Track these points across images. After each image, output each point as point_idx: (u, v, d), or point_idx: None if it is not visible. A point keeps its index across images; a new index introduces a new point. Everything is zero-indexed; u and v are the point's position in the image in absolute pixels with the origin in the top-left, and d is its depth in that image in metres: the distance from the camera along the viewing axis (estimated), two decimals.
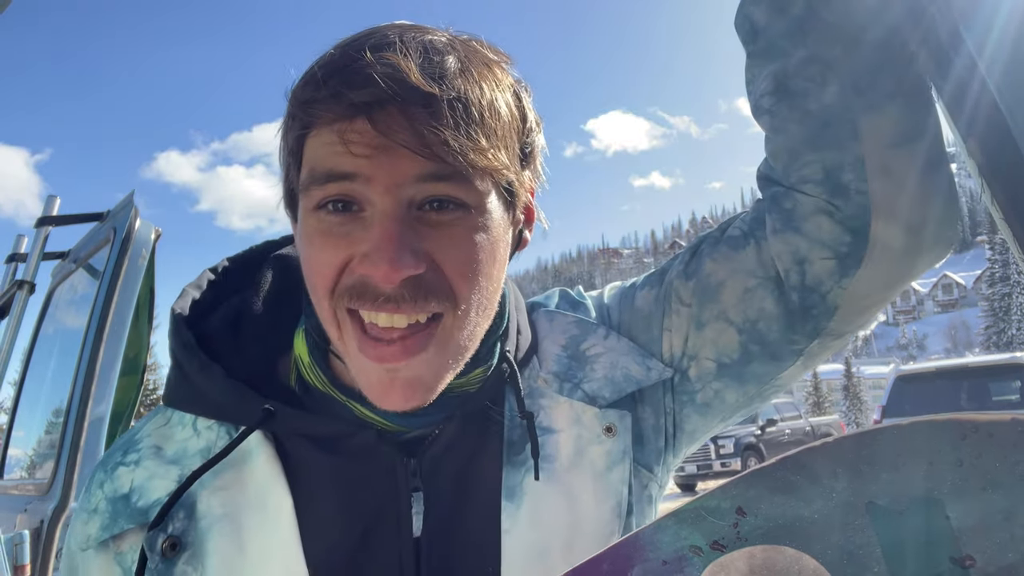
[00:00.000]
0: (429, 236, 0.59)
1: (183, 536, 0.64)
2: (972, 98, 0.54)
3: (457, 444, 0.68)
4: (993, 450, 0.33)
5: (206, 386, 0.67)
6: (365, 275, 0.58)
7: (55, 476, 2.29)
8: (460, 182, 0.59)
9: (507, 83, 0.65)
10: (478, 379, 0.70)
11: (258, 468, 0.66)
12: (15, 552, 2.17)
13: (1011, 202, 0.53)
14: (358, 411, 0.67)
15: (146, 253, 2.49)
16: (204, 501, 0.65)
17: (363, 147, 0.57)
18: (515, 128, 0.64)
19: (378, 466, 0.66)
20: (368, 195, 0.58)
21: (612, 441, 0.70)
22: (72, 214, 2.78)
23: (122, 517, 0.66)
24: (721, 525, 0.36)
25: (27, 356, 3.10)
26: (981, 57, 0.53)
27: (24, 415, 3.06)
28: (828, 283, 0.67)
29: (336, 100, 0.57)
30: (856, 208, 0.64)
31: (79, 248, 2.83)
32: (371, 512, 0.65)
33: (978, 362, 8.87)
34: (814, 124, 0.65)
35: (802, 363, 0.73)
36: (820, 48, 0.64)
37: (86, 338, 2.38)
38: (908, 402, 8.43)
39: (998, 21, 0.53)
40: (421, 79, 0.56)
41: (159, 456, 0.69)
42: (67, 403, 2.37)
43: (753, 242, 0.72)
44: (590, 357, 0.75)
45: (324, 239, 0.60)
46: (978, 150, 0.55)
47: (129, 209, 2.49)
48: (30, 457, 2.89)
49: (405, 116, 0.56)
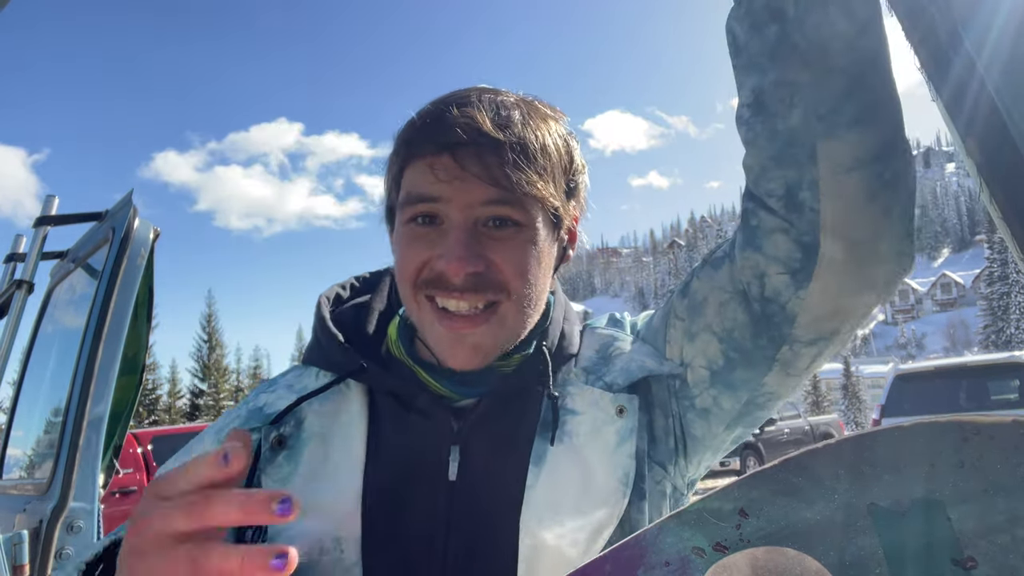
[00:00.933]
0: (490, 245, 0.79)
1: (289, 438, 0.85)
2: (971, 97, 0.54)
3: (495, 415, 0.85)
4: (995, 452, 0.33)
5: (329, 348, 0.90)
6: (440, 270, 0.78)
7: (54, 476, 2.29)
8: (516, 206, 0.79)
9: (559, 132, 0.85)
10: (515, 363, 0.87)
11: (352, 404, 0.88)
12: (14, 552, 2.17)
13: (1009, 201, 0.53)
14: (423, 377, 0.86)
15: (145, 252, 2.49)
16: (310, 419, 0.87)
17: (446, 174, 0.77)
18: (562, 167, 0.84)
19: (431, 422, 0.85)
20: (447, 213, 0.79)
21: (622, 420, 0.83)
22: (71, 214, 2.77)
23: (254, 419, 0.89)
24: (724, 527, 0.36)
25: (26, 356, 3.09)
26: (980, 57, 0.53)
27: (23, 415, 3.06)
28: (785, 294, 0.75)
29: (429, 141, 0.79)
30: (807, 225, 0.71)
31: (78, 248, 2.82)
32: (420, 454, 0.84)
33: (977, 361, 8.88)
34: (780, 143, 0.70)
35: (780, 369, 0.81)
36: (790, 71, 0.68)
37: (85, 338, 2.38)
38: (907, 401, 8.44)
39: (997, 21, 0.53)
40: (491, 128, 0.77)
41: (289, 389, 0.92)
42: (66, 403, 2.37)
43: (728, 261, 0.82)
44: (615, 356, 0.90)
45: (412, 242, 0.81)
46: (977, 149, 0.55)
47: (128, 209, 2.48)
48: (29, 457, 2.89)
49: (477, 155, 0.77)
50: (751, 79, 0.71)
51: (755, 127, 0.72)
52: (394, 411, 0.87)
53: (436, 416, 0.85)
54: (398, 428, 0.86)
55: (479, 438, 0.84)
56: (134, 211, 2.48)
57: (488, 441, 0.84)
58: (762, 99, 0.70)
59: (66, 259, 2.90)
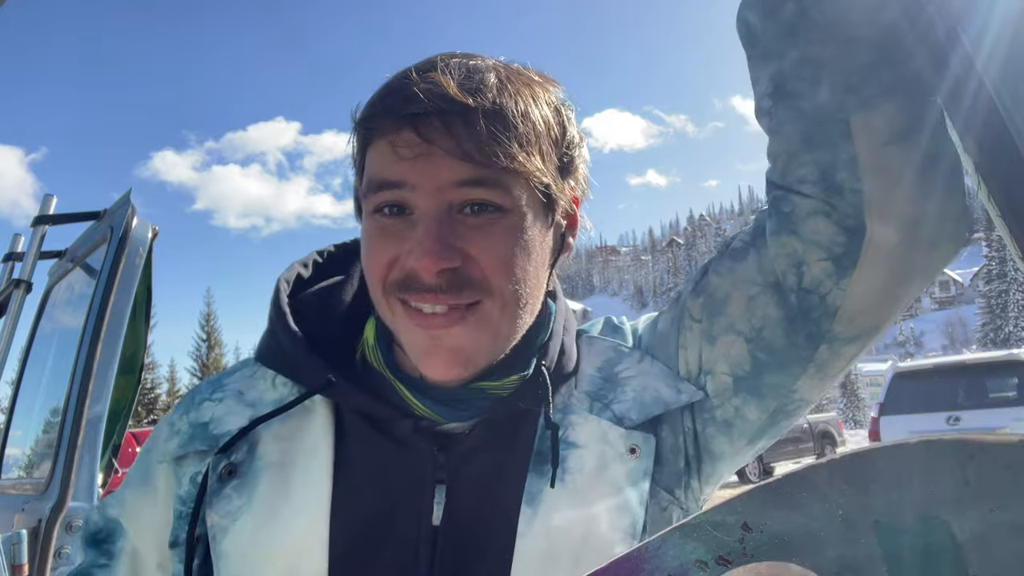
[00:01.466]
0: (466, 235, 0.67)
1: (240, 466, 0.74)
2: (969, 95, 0.54)
3: (486, 446, 0.73)
4: (1000, 471, 0.33)
5: (289, 349, 0.77)
6: (410, 268, 0.67)
7: (53, 475, 2.29)
8: (495, 187, 0.67)
9: (547, 99, 0.72)
10: (511, 385, 0.75)
11: (316, 427, 0.75)
12: (13, 551, 2.17)
13: (1007, 199, 0.53)
14: (403, 394, 0.74)
15: (143, 252, 2.48)
16: (265, 444, 0.75)
17: (408, 151, 0.66)
18: (552, 139, 0.72)
19: (411, 453, 0.73)
20: (415, 200, 0.67)
21: (635, 462, 0.71)
22: (69, 213, 2.77)
23: (197, 440, 0.77)
24: (726, 540, 0.36)
25: (24, 355, 3.09)
26: (978, 55, 0.53)
27: (21, 414, 3.05)
28: (827, 284, 0.67)
29: (387, 114, 0.68)
30: (850, 207, 0.64)
31: (76, 247, 2.82)
32: (397, 493, 0.72)
33: (975, 359, 8.89)
34: (808, 124, 0.65)
35: (815, 372, 0.72)
36: (811, 48, 0.64)
37: (83, 337, 2.37)
38: (905, 399, 8.44)
39: (995, 19, 0.53)
40: (458, 92, 0.65)
41: (240, 399, 0.79)
42: (64, 402, 2.37)
43: (753, 251, 0.73)
44: (622, 379, 0.77)
45: (378, 237, 0.70)
46: (975, 147, 0.55)
47: (126, 208, 2.48)
48: (28, 456, 2.89)
49: (445, 124, 0.65)
50: (769, 67, 0.67)
51: (778, 113, 0.67)
52: (367, 436, 0.74)
53: (419, 448, 0.72)
54: (373, 457, 0.73)
55: (469, 474, 0.72)
56: (132, 210, 2.48)
57: (477, 476, 0.72)
58: (783, 84, 0.66)
59: (64, 258, 2.89)
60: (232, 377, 0.83)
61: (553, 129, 0.72)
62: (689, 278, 0.81)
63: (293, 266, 0.86)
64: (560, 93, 0.75)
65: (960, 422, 7.88)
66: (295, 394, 0.77)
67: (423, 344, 0.69)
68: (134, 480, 0.82)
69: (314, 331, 0.78)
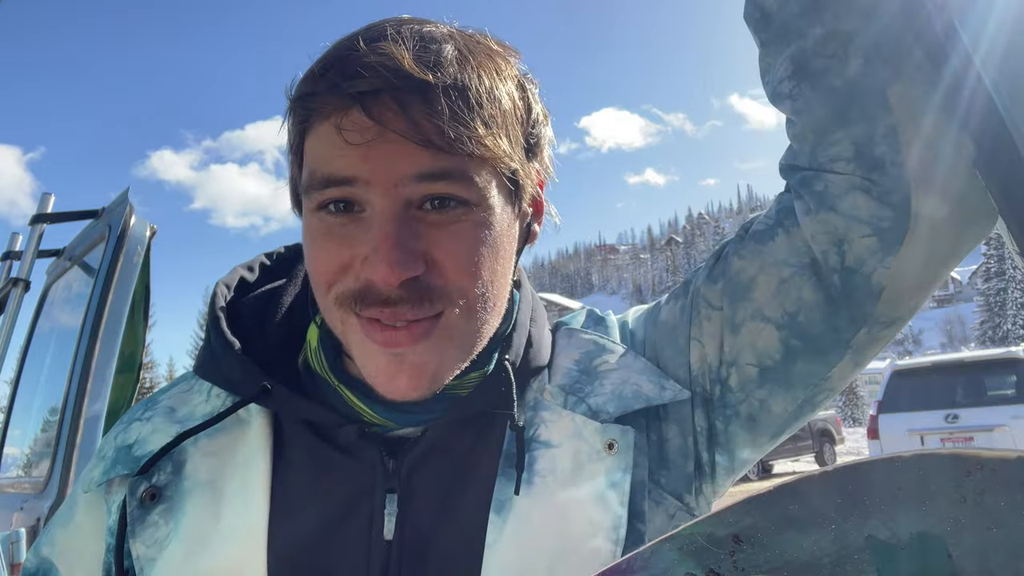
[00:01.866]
0: (428, 235, 0.59)
1: (165, 489, 0.67)
2: (967, 92, 0.54)
3: (444, 449, 0.67)
4: (998, 488, 0.32)
5: (222, 358, 0.69)
6: (366, 279, 0.59)
7: (51, 474, 2.29)
8: (459, 179, 0.59)
9: (510, 73, 0.64)
10: (472, 382, 0.68)
11: (250, 440, 0.69)
12: (11, 550, 2.17)
13: (1006, 196, 0.53)
14: (348, 399, 0.67)
15: (141, 250, 2.48)
16: (193, 462, 0.68)
17: (357, 135, 0.57)
18: (518, 118, 0.64)
19: (357, 461, 0.66)
20: (367, 197, 0.59)
21: (612, 458, 0.65)
22: (67, 211, 2.76)
23: (120, 463, 0.70)
24: (717, 553, 0.35)
25: (23, 354, 3.08)
26: (976, 52, 0.53)
27: (20, 413, 3.05)
28: (871, 262, 0.63)
29: (331, 91, 0.58)
30: (894, 181, 0.60)
31: (74, 245, 2.81)
32: (342, 506, 0.65)
33: (974, 357, 8.89)
34: (840, 100, 0.62)
35: (851, 358, 0.67)
36: (838, 22, 0.61)
37: (81, 336, 2.37)
38: (904, 397, 8.44)
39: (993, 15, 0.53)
40: (415, 66, 0.56)
41: (169, 416, 0.73)
42: (63, 401, 2.36)
43: (782, 231, 0.67)
44: (601, 372, 0.71)
45: (325, 239, 0.61)
46: (973, 144, 0.55)
47: (124, 206, 2.47)
48: (26, 455, 2.88)
49: (399, 104, 0.56)
50: (787, 49, 0.64)
51: (803, 94, 0.63)
52: (309, 446, 0.67)
53: (365, 453, 0.66)
54: (314, 470, 0.67)
55: (424, 481, 0.65)
56: (130, 208, 2.47)
57: (435, 484, 0.65)
58: (805, 63, 0.63)
59: (62, 257, 2.89)
60: (167, 393, 0.76)
61: (518, 106, 0.64)
62: (696, 268, 0.75)
63: (236, 270, 0.78)
64: (521, 64, 0.67)
65: (958, 420, 7.89)
66: (228, 404, 0.71)
67: (381, 362, 0.61)
68: (62, 515, 0.75)
69: (252, 337, 0.71)
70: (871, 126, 0.61)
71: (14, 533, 2.19)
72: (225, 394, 0.72)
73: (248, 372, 0.68)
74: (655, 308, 0.78)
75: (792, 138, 0.67)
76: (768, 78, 0.68)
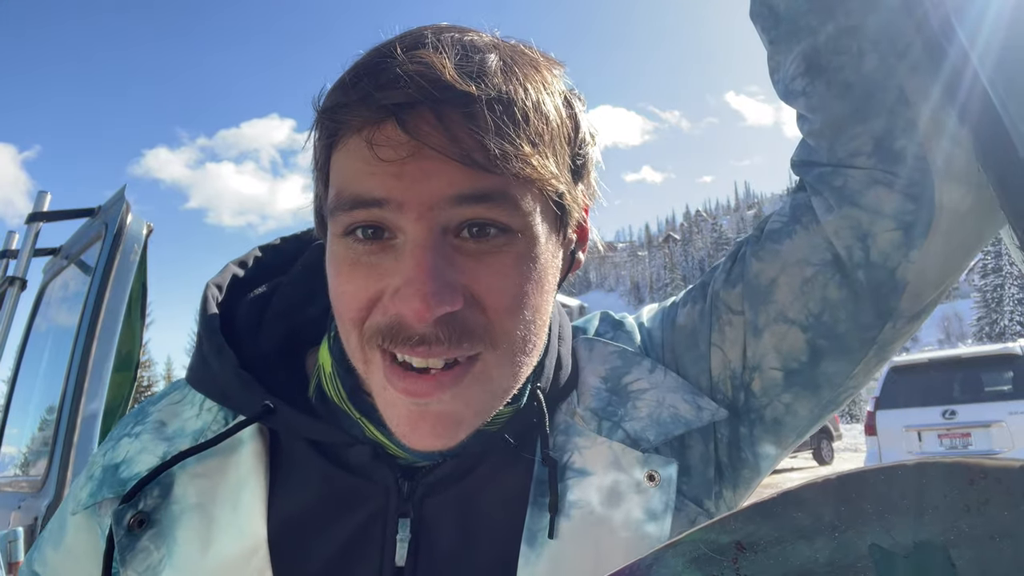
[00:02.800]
0: (467, 267, 0.54)
1: (152, 513, 0.62)
2: (964, 88, 0.54)
3: (466, 473, 0.63)
4: (1001, 497, 0.32)
5: (217, 369, 0.65)
6: (398, 314, 0.53)
7: (49, 473, 2.28)
8: (501, 203, 0.53)
9: (557, 88, 0.60)
10: (503, 418, 0.63)
11: (242, 462, 0.63)
12: (9, 549, 2.16)
13: (1002, 191, 0.53)
14: (369, 432, 0.62)
15: (138, 248, 2.48)
16: (182, 485, 0.63)
17: (391, 151, 0.52)
18: (565, 136, 0.59)
19: (369, 483, 0.62)
20: (399, 222, 0.53)
21: (654, 491, 0.61)
22: (63, 210, 2.75)
23: (106, 486, 0.66)
24: (720, 561, 0.35)
25: (19, 353, 3.08)
26: (973, 48, 0.53)
27: (17, 412, 3.05)
28: (895, 257, 0.61)
29: (363, 103, 0.52)
30: (916, 174, 0.59)
31: (71, 244, 2.80)
32: (352, 532, 0.61)
33: (971, 353, 8.89)
34: (857, 96, 0.60)
35: (875, 354, 0.66)
36: (851, 19, 0.60)
37: (78, 334, 2.37)
38: (901, 393, 8.45)
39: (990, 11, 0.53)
40: (456, 77, 0.51)
41: (158, 432, 0.68)
42: (60, 400, 2.36)
43: (801, 228, 0.65)
44: (633, 393, 0.67)
45: (352, 269, 0.55)
46: (972, 136, 0.55)
47: (121, 204, 2.47)
48: (24, 454, 2.88)
49: (438, 118, 0.51)
50: (798, 46, 0.63)
51: (817, 91, 0.62)
52: (313, 466, 0.63)
53: (378, 475, 0.62)
54: (319, 493, 0.62)
55: (442, 506, 0.61)
56: (127, 207, 2.47)
57: (455, 510, 0.61)
58: (818, 60, 0.62)
59: (59, 255, 2.88)
60: (158, 404, 0.71)
61: (566, 124, 0.59)
62: (712, 268, 0.73)
63: (228, 267, 0.72)
64: (567, 78, 0.63)
65: (956, 416, 7.90)
66: (219, 421, 0.67)
67: (403, 411, 0.56)
68: (53, 534, 0.72)
69: (249, 344, 0.66)
70: (891, 120, 0.60)
71: (12, 532, 2.19)
72: (217, 408, 0.68)
73: (247, 388, 0.63)
74: (672, 309, 0.74)
75: (807, 134, 0.66)
76: (778, 76, 0.67)
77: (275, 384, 0.65)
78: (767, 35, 0.67)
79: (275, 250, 0.76)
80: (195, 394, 0.70)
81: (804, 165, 0.67)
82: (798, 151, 0.69)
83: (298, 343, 0.71)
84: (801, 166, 0.68)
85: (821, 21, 0.62)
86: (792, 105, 0.67)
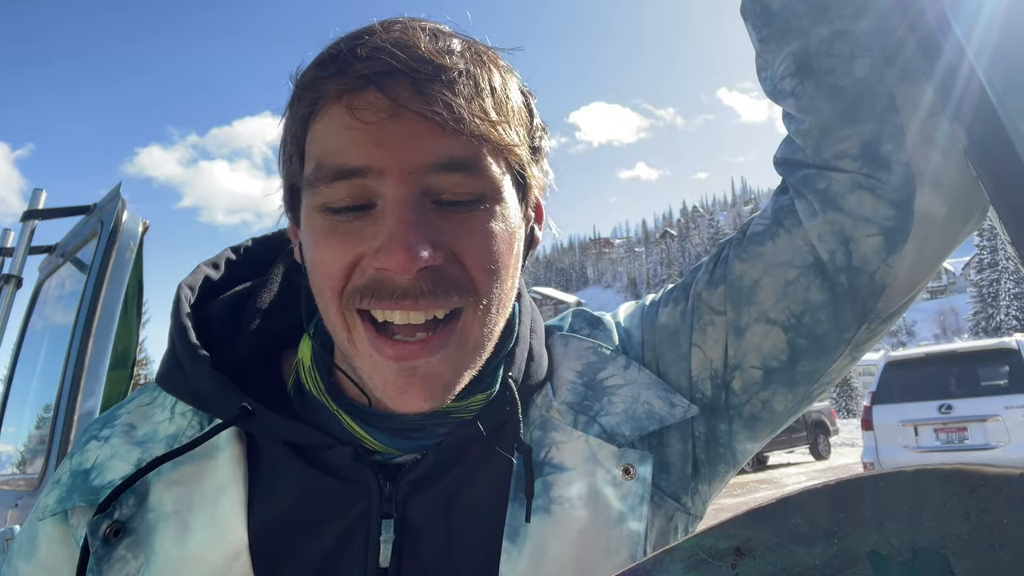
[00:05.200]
0: (446, 228, 0.57)
1: (128, 522, 0.61)
2: (960, 83, 0.54)
3: (447, 470, 0.63)
4: (1002, 505, 0.32)
5: (191, 371, 0.64)
6: (380, 269, 0.55)
7: (45, 471, 2.28)
8: (475, 171, 0.57)
9: (514, 82, 0.64)
10: (477, 405, 0.65)
11: (219, 467, 0.63)
12: (6, 547, 2.16)
13: (998, 187, 0.52)
14: (347, 424, 0.63)
15: (134, 246, 2.46)
16: (157, 492, 0.62)
17: (372, 113, 0.54)
18: (524, 118, 0.63)
19: (351, 485, 0.62)
20: (380, 188, 0.55)
21: (630, 484, 0.63)
22: (59, 207, 2.74)
23: (76, 492, 0.65)
24: (719, 567, 0.35)
25: (15, 351, 3.07)
26: (969, 44, 0.53)
27: (13, 410, 3.04)
28: (875, 261, 0.63)
29: (343, 73, 0.55)
30: (899, 179, 0.61)
31: (66, 242, 2.79)
32: (336, 535, 0.61)
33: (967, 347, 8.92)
34: (847, 99, 0.62)
35: (850, 353, 0.68)
36: (845, 23, 0.61)
37: (74, 332, 2.36)
38: (898, 388, 8.48)
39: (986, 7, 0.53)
40: (432, 50, 0.56)
41: (129, 435, 0.67)
42: (56, 398, 2.35)
43: (783, 231, 0.67)
44: (608, 388, 0.68)
45: (330, 237, 0.56)
46: (965, 135, 0.55)
47: (116, 202, 2.46)
48: (20, 452, 2.87)
49: (414, 85, 0.55)
50: (789, 46, 0.63)
51: (806, 92, 0.63)
52: (293, 470, 0.62)
53: (359, 477, 0.62)
54: (301, 494, 0.62)
55: (424, 506, 0.62)
56: (122, 204, 2.46)
57: (437, 508, 0.62)
58: (809, 62, 0.62)
59: (55, 253, 2.87)
60: (127, 407, 0.70)
61: (523, 109, 0.63)
62: (693, 269, 0.75)
63: (199, 268, 0.72)
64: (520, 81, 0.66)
65: (952, 410, 7.93)
66: (194, 426, 0.66)
67: (390, 375, 0.57)
68: (23, 544, 0.69)
69: (223, 347, 0.66)
70: (879, 126, 0.61)
71: (8, 530, 2.18)
72: (191, 411, 0.67)
73: (222, 389, 0.62)
74: (651, 308, 0.75)
75: (794, 133, 0.67)
76: (766, 74, 0.68)
77: (251, 387, 0.64)
78: (757, 33, 0.67)
79: (247, 251, 0.76)
80: (166, 397, 0.69)
81: (788, 164, 0.68)
82: (782, 148, 0.69)
83: (274, 347, 0.70)
84: (785, 165, 0.69)
85: (814, 23, 0.62)
86: (780, 104, 0.67)
